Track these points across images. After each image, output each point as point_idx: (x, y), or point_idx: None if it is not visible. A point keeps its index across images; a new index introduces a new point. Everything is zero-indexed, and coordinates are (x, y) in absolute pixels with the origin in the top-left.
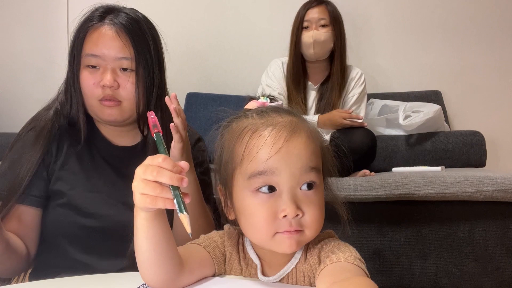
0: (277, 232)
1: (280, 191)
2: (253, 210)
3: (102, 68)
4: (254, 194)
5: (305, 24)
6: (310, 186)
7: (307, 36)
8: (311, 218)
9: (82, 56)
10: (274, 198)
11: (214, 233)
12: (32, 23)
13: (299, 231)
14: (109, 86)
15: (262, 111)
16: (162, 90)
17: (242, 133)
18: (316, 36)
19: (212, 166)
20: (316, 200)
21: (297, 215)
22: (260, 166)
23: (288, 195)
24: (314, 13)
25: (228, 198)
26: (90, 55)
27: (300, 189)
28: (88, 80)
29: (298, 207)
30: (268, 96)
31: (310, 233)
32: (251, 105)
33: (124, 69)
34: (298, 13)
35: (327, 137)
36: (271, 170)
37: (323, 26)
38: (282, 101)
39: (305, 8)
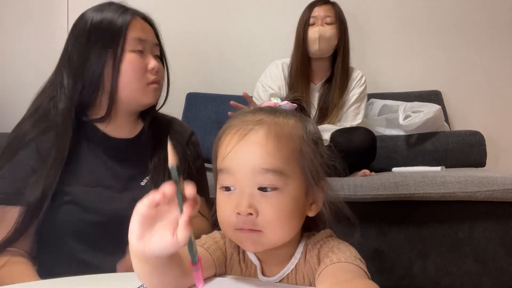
0: (236, 228)
1: (238, 189)
2: (219, 205)
3: (145, 52)
4: (220, 190)
5: (311, 20)
6: (267, 187)
7: (313, 32)
8: (266, 219)
9: (128, 39)
10: (234, 195)
11: (216, 233)
12: (32, 23)
13: (256, 231)
14: (158, 70)
15: (248, 112)
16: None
17: (221, 131)
18: (321, 32)
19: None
20: (275, 202)
21: (250, 214)
22: (220, 164)
23: (242, 194)
24: (321, 11)
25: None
26: (138, 39)
27: (258, 189)
28: (137, 65)
29: (251, 206)
30: (288, 98)
31: (269, 234)
32: (264, 106)
33: (157, 55)
34: (304, 11)
35: (326, 136)
36: (227, 168)
37: (329, 23)
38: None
39: (312, 6)
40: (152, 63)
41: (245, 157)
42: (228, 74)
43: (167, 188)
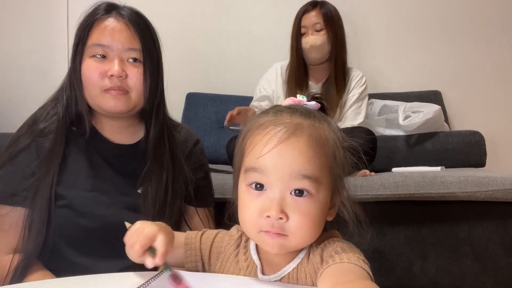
0: (261, 230)
1: (270, 191)
2: (244, 204)
3: (109, 58)
4: (247, 188)
5: (302, 30)
6: (301, 193)
7: (304, 42)
8: (295, 225)
9: (87, 46)
10: (264, 196)
11: (220, 234)
12: (32, 23)
13: (282, 235)
14: (118, 76)
15: (279, 110)
16: (163, 87)
17: (251, 128)
18: (312, 42)
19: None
20: (306, 209)
21: (280, 218)
22: (252, 163)
23: (275, 197)
24: (310, 18)
25: (235, 187)
26: (97, 45)
27: (291, 193)
28: (93, 70)
29: (282, 211)
30: (309, 95)
31: (295, 240)
32: (287, 101)
33: (133, 59)
34: (295, 19)
35: None
36: (261, 168)
37: (319, 30)
38: (272, 102)
39: (301, 13)
40: (112, 69)
41: (284, 161)
42: (228, 74)
43: None
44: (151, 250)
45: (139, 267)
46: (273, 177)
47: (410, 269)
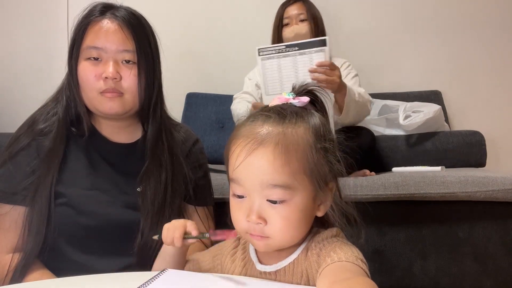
0: (247, 232)
1: (248, 198)
2: (232, 209)
3: (103, 60)
4: (233, 196)
5: (285, 21)
6: (274, 201)
7: (289, 32)
8: (274, 229)
9: (83, 49)
10: (245, 202)
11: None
12: (32, 23)
13: (265, 237)
14: (112, 78)
15: (255, 118)
16: (160, 87)
17: (233, 136)
18: (297, 30)
19: (211, 166)
20: (283, 213)
21: (260, 223)
22: (231, 173)
23: (253, 205)
24: (293, 10)
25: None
26: (92, 48)
27: (267, 200)
28: (89, 73)
29: (260, 217)
30: (302, 86)
31: (279, 240)
32: (274, 101)
33: (127, 61)
34: (277, 12)
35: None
36: (237, 179)
37: (302, 20)
38: (260, 90)
39: (283, 7)
40: (106, 71)
41: (253, 172)
42: (228, 74)
43: None
44: (186, 235)
45: (139, 266)
46: (248, 187)
47: (410, 269)
